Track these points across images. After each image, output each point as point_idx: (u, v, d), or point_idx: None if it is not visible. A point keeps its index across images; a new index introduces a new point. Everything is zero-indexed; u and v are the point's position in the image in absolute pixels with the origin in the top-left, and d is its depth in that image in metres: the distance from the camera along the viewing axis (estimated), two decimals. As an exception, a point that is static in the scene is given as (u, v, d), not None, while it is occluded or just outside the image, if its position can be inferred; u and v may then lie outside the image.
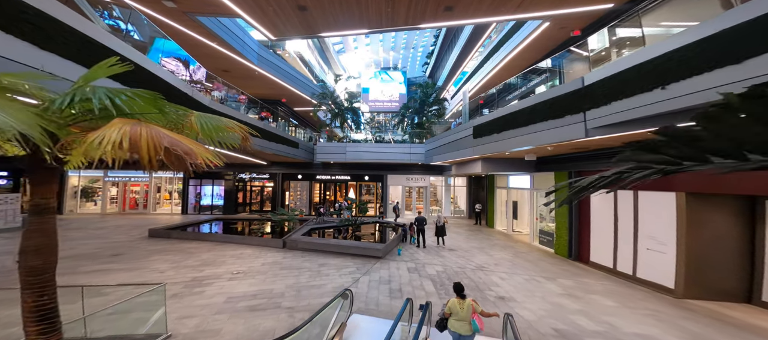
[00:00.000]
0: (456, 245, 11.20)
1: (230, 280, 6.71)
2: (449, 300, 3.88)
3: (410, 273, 7.84)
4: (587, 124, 6.39)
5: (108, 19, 9.54)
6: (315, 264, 8.35)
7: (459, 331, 3.74)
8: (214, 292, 5.98)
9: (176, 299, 5.52)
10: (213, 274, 7.03)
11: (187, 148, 2.03)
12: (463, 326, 3.72)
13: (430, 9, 10.37)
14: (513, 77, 13.27)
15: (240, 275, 7.01)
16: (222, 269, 7.43)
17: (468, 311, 3.72)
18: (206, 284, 6.33)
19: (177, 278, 6.65)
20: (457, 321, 3.75)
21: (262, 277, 7.07)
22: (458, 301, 3.80)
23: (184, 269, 7.27)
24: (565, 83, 7.14)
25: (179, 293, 5.82)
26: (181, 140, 2.10)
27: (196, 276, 6.81)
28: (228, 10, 10.67)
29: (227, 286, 6.35)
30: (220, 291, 6.03)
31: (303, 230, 11.79)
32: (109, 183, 18.85)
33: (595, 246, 8.62)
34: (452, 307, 3.78)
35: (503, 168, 12.15)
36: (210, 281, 6.58)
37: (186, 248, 9.38)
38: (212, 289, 6.12)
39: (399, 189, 20.31)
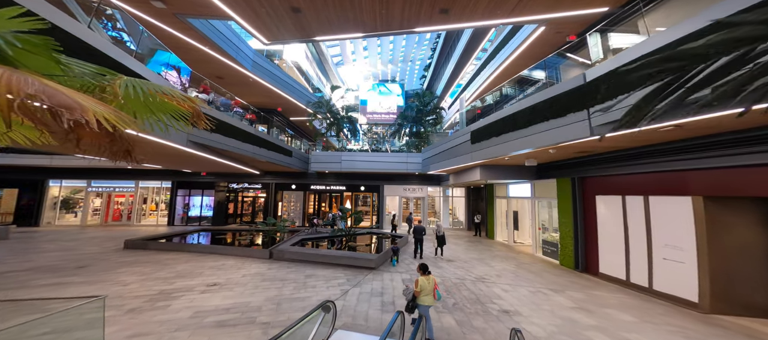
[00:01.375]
0: (455, 256, 10.54)
1: (203, 292, 6.03)
2: (418, 279, 4.54)
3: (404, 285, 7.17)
4: (591, 122, 5.95)
5: (111, 30, 9.31)
6: (301, 275, 7.67)
7: (426, 303, 4.46)
8: (180, 306, 5.30)
9: (133, 314, 4.84)
10: (185, 286, 6.35)
11: (68, 102, 1.44)
12: (429, 298, 4.47)
13: (425, 11, 10.17)
14: (510, 88, 13.01)
15: (215, 288, 6.33)
16: (196, 281, 6.75)
17: (431, 285, 4.51)
18: (174, 298, 5.65)
19: (141, 291, 5.96)
20: (426, 296, 4.47)
21: (240, 289, 6.39)
22: (425, 278, 4.54)
23: (152, 281, 6.58)
24: (566, 80, 6.76)
25: (139, 308, 5.14)
26: (62, 91, 1.51)
27: (165, 289, 6.13)
28: (219, 11, 10.43)
29: (198, 299, 5.67)
30: (188, 305, 5.35)
31: (293, 240, 11.12)
32: (92, 194, 18.10)
33: (604, 257, 8.01)
34: (422, 284, 4.48)
35: (503, 176, 11.66)
36: (179, 293, 5.89)
37: (162, 260, 8.69)
38: (179, 303, 5.44)
39: (396, 200, 19.70)
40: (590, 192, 8.78)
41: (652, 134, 5.89)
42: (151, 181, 18.37)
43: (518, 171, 11.60)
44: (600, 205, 8.34)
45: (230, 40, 13.82)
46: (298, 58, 25.69)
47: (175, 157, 10.16)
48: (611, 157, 7.79)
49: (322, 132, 20.88)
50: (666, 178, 6.59)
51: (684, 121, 4.79)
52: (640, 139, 6.34)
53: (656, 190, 6.78)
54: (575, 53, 10.37)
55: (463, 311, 5.60)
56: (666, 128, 5.21)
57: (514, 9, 10.04)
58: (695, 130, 5.42)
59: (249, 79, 16.53)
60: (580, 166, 9.01)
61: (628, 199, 7.36)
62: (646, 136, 6.11)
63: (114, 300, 5.39)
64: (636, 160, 7.16)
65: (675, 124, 5.03)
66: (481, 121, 10.42)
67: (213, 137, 9.02)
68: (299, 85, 20.87)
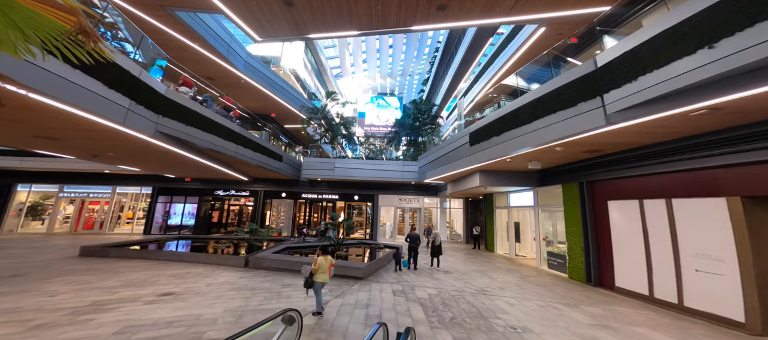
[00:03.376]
0: (452, 268, 9.57)
1: (149, 303, 5.04)
2: (317, 259, 5.09)
3: (395, 296, 6.22)
4: (607, 109, 5.27)
5: (113, 41, 8.86)
6: (277, 285, 6.69)
7: (321, 280, 5.05)
8: (108, 320, 4.29)
9: (37, 332, 3.83)
10: (129, 296, 5.33)
11: None
12: (324, 276, 5.10)
13: (422, 7, 9.74)
14: (507, 100, 12.49)
15: (167, 298, 5.34)
16: (147, 290, 5.74)
17: (328, 264, 5.18)
18: (106, 310, 4.63)
19: (68, 303, 4.92)
20: (321, 274, 5.07)
21: (198, 299, 5.41)
22: (323, 258, 5.15)
23: (90, 292, 5.53)
24: (574, 68, 6.15)
25: (50, 324, 4.11)
26: None
27: (100, 300, 5.10)
28: (208, 4, 9.94)
29: (138, 311, 4.67)
30: (120, 318, 4.35)
31: (275, 249, 10.13)
32: (64, 200, 16.82)
33: (620, 269, 7.11)
34: (320, 263, 5.06)
35: (503, 182, 10.88)
36: (116, 305, 4.87)
37: (117, 268, 7.64)
38: (110, 316, 4.43)
39: (391, 211, 18.77)
40: (601, 197, 8.00)
41: (678, 124, 5.18)
42: (130, 186, 17.29)
43: (520, 177, 10.85)
44: (613, 211, 7.54)
45: (221, 37, 13.34)
46: (296, 67, 25.42)
47: (139, 152, 9.16)
48: (625, 158, 7.06)
49: (316, 139, 20.17)
50: (692, 177, 5.82)
51: (724, 101, 4.10)
52: (663, 131, 5.61)
53: (681, 192, 5.99)
54: (576, 57, 9.89)
55: (462, 327, 4.67)
56: (698, 112, 4.51)
57: (514, 7, 9.65)
58: (734, 114, 4.68)
59: (241, 80, 15.98)
60: (588, 169, 8.28)
61: (647, 203, 6.57)
62: (669, 128, 5.39)
63: (25, 314, 4.38)
64: (655, 158, 6.42)
65: (710, 107, 4.33)
66: (481, 121, 9.78)
67: (189, 131, 8.25)
68: (294, 91, 20.36)
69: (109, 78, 5.56)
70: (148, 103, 6.76)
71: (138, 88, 6.44)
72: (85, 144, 8.12)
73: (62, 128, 6.49)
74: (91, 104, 5.24)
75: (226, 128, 10.05)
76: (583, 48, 9.81)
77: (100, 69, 5.39)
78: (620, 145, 6.75)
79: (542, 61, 9.54)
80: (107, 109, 5.58)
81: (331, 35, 12.16)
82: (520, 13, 10.05)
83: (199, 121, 8.71)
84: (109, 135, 6.96)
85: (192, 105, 8.43)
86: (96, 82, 5.30)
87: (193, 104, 8.52)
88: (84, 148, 8.69)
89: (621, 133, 5.83)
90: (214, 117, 9.42)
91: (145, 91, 6.64)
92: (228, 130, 10.20)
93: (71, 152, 9.75)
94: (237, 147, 10.89)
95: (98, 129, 6.28)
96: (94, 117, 5.49)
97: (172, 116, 7.64)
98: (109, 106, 5.63)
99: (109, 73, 5.57)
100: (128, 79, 6.19)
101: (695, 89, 4.27)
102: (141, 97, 6.49)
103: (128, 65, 6.15)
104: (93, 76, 5.25)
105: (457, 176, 12.80)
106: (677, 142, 5.89)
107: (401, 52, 37.59)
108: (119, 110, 5.87)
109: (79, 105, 5.05)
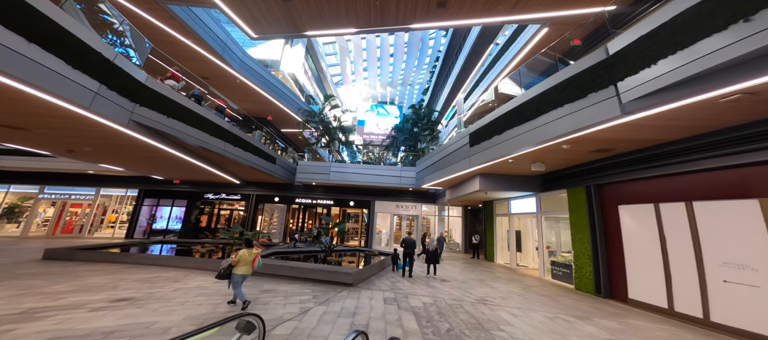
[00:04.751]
0: (450, 277, 8.89)
1: (94, 311, 4.35)
2: (240, 252, 5.08)
3: (387, 304, 5.57)
4: (622, 98, 4.78)
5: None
6: (255, 291, 6.03)
7: (245, 273, 5.05)
8: (32, 331, 3.61)
9: None
10: (73, 303, 4.64)
11: None
12: (246, 268, 5.07)
13: (422, 3, 9.41)
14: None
15: (121, 304, 4.68)
16: (99, 296, 5.06)
17: (251, 257, 5.16)
18: (37, 319, 3.93)
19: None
20: (243, 266, 5.03)
21: (157, 305, 4.76)
22: (247, 251, 5.14)
23: (29, 297, 4.82)
24: (583, 58, 5.70)
25: None
26: None
27: (36, 307, 4.39)
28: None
29: (75, 320, 3.98)
30: (48, 329, 3.67)
31: (262, 253, 9.44)
32: (44, 202, 15.96)
33: (634, 279, 6.46)
34: (242, 255, 5.04)
35: (505, 186, 10.31)
36: (53, 313, 4.16)
37: (78, 271, 6.92)
38: (37, 325, 3.74)
39: (387, 219, 18.11)
40: (611, 202, 7.43)
41: (702, 116, 4.66)
42: (115, 188, 16.54)
43: (522, 182, 10.30)
44: (625, 217, 6.95)
45: (216, 34, 13.02)
46: (296, 72, 25.22)
47: (117, 147, 8.52)
48: (639, 158, 6.50)
49: (312, 142, 19.68)
50: (717, 178, 5.26)
51: (763, 83, 3.60)
52: (683, 126, 5.07)
53: (703, 194, 5.42)
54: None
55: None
56: (731, 97, 4.00)
57: (516, 5, 9.36)
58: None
59: (236, 80, 15.63)
60: (597, 171, 7.73)
61: (664, 207, 5.99)
62: (690, 120, 4.86)
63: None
64: (673, 158, 5.86)
65: (745, 90, 3.83)
66: (481, 120, 9.30)
67: (170, 124, 7.74)
68: (291, 93, 20.02)
69: (73, 57, 5.07)
70: (122, 90, 6.27)
71: (111, 73, 5.96)
72: (56, 136, 7.56)
73: (23, 114, 5.96)
74: (49, 84, 4.73)
75: (212, 123, 9.55)
76: (587, 52, 9.46)
77: (63, 46, 4.93)
78: (633, 143, 6.22)
79: (544, 67, 9.13)
80: (69, 91, 5.07)
81: (328, 33, 11.82)
82: (522, 12, 9.75)
83: (183, 113, 8.21)
84: (80, 125, 6.44)
85: (175, 96, 7.94)
86: (57, 59, 4.81)
87: (177, 95, 8.04)
88: (56, 141, 8.12)
89: (636, 128, 5.32)
90: (199, 110, 8.92)
91: (119, 76, 6.16)
92: (215, 125, 9.70)
93: (44, 146, 9.17)
94: (225, 145, 10.36)
95: (64, 115, 5.75)
96: (53, 98, 4.96)
97: (152, 106, 7.15)
98: (72, 88, 5.12)
99: (73, 51, 5.10)
100: (100, 62, 5.72)
101: (725, 71, 3.78)
102: (114, 82, 6.00)
103: (100, 47, 5.69)
104: (53, 53, 4.77)
105: (456, 181, 12.24)
106: (698, 138, 5.37)
107: (402, 60, 37.69)
108: (85, 93, 5.37)
109: (33, 83, 4.54)
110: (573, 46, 11.00)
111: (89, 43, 5.44)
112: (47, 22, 4.71)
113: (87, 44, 5.40)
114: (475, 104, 16.40)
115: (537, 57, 9.35)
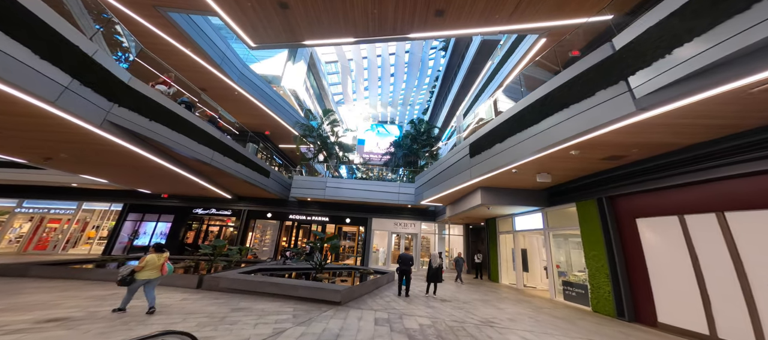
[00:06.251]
0: (451, 296, 8.08)
1: (10, 333, 3.59)
2: (148, 257, 5.00)
3: (377, 326, 4.82)
4: (635, 93, 4.35)
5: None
6: (225, 308, 5.31)
7: (150, 277, 4.92)
8: None
9: None
10: None
11: None
12: (152, 273, 4.95)
13: (420, 12, 9.32)
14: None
15: (48, 325, 3.91)
16: (29, 316, 4.27)
17: (160, 262, 5.09)
18: None
19: None
20: (150, 271, 4.93)
21: (93, 326, 4.03)
22: (156, 255, 5.10)
23: None
24: (587, 56, 5.35)
25: None
26: None
27: None
28: (202, 4, 9.55)
29: None
30: None
31: (245, 269, 8.71)
32: (21, 216, 15.09)
33: (663, 301, 5.68)
34: (151, 261, 4.96)
35: (508, 200, 9.73)
36: None
37: (22, 288, 6.09)
38: None
39: (385, 236, 17.30)
40: (627, 215, 6.79)
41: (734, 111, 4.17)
42: (99, 202, 15.79)
43: (527, 196, 9.71)
44: (645, 230, 6.28)
45: (215, 44, 12.95)
46: (297, 88, 25.34)
47: (95, 153, 7.96)
48: (657, 166, 5.91)
49: (309, 157, 19.26)
50: (754, 185, 4.65)
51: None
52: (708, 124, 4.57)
53: (738, 203, 4.81)
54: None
55: (461, 372, 3.31)
56: (764, 86, 3.55)
57: (513, 13, 9.25)
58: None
59: (234, 92, 15.47)
60: (609, 182, 7.14)
61: (691, 219, 5.35)
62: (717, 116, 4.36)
63: None
64: (696, 164, 5.29)
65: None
66: (481, 130, 8.88)
67: (153, 127, 7.30)
68: (290, 108, 19.86)
69: (38, 45, 4.70)
70: (99, 87, 5.89)
71: (87, 69, 5.60)
72: (27, 139, 7.04)
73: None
74: (8, 73, 4.34)
75: (200, 130, 9.15)
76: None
77: (32, 35, 4.60)
78: (649, 148, 5.69)
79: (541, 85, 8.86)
80: (33, 83, 4.67)
81: (327, 42, 11.73)
82: (520, 21, 9.64)
83: (168, 117, 7.81)
84: (50, 125, 5.97)
85: (160, 98, 7.57)
86: (20, 46, 4.45)
87: (162, 97, 7.67)
88: (28, 146, 7.59)
89: (652, 130, 4.84)
90: (186, 115, 8.53)
91: (97, 73, 5.80)
92: (203, 132, 9.29)
93: (15, 152, 8.61)
94: (213, 153, 9.90)
95: (29, 113, 5.30)
96: (10, 89, 4.52)
97: (133, 107, 6.75)
98: (37, 80, 4.72)
99: (42, 40, 4.75)
100: (77, 57, 5.39)
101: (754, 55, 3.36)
102: (88, 77, 5.63)
103: (77, 40, 5.38)
104: (18, 40, 4.42)
105: (456, 196, 11.65)
106: (724, 141, 4.85)
107: (402, 80, 38.20)
108: (52, 87, 4.96)
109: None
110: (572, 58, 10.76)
111: (63, 34, 5.12)
112: (15, 6, 4.40)
113: (61, 35, 5.08)
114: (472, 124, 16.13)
115: (534, 75, 9.09)
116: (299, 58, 26.00)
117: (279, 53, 24.71)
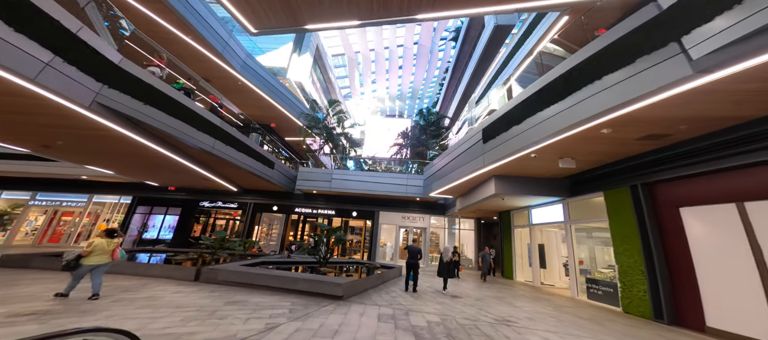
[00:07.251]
0: (462, 292, 7.49)
1: None
2: (95, 241, 4.83)
3: (381, 322, 4.30)
4: (690, 54, 3.63)
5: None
6: (219, 302, 4.89)
7: (98, 263, 4.77)
8: None
9: None
10: None
11: None
12: (101, 258, 4.80)
13: (428, -13, 8.63)
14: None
15: (25, 319, 3.55)
16: (5, 308, 3.91)
17: (111, 247, 4.93)
18: None
19: None
20: (97, 256, 4.77)
21: (68, 320, 3.67)
22: (105, 241, 4.93)
23: None
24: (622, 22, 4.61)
25: None
26: None
27: None
28: (198, -14, 9.09)
29: None
30: None
31: (247, 262, 8.33)
32: (35, 208, 15.26)
33: (713, 302, 4.92)
34: (99, 245, 4.81)
35: (525, 190, 8.99)
36: None
37: (18, 280, 5.75)
38: None
39: (393, 230, 16.78)
40: (668, 204, 5.98)
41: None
42: (109, 195, 15.85)
43: (546, 185, 8.95)
44: (691, 221, 5.50)
45: (216, 32, 12.58)
46: (303, 80, 24.95)
47: (91, 140, 7.66)
48: (707, 147, 5.07)
49: (314, 150, 18.87)
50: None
51: None
52: None
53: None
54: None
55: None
56: None
57: (533, -12, 8.41)
58: None
59: (238, 82, 15.15)
60: (646, 167, 6.30)
61: (753, 207, 4.56)
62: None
63: None
64: (759, 142, 4.49)
65: None
66: (494, 114, 8.17)
67: (146, 111, 6.93)
68: (295, 98, 19.45)
69: (12, 17, 4.33)
70: (85, 66, 5.52)
71: (72, 46, 5.24)
72: (17, 123, 6.73)
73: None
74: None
75: (200, 117, 8.78)
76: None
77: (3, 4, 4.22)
78: (701, 123, 4.86)
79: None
80: (10, 58, 4.32)
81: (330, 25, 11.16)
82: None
83: (164, 101, 7.44)
84: (36, 107, 5.64)
85: (154, 81, 7.19)
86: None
87: (157, 81, 7.30)
88: (23, 131, 7.35)
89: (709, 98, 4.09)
90: (184, 101, 8.16)
91: (81, 50, 5.44)
92: (203, 119, 8.92)
93: (10, 138, 8.43)
94: (215, 142, 9.54)
95: (11, 91, 4.95)
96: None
97: (124, 90, 6.38)
98: (14, 54, 4.37)
99: (17, 12, 4.38)
100: (60, 32, 5.02)
101: None
102: (72, 55, 5.26)
103: (59, 15, 5.00)
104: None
105: (467, 186, 10.97)
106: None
107: (411, 72, 37.32)
108: (31, 63, 4.60)
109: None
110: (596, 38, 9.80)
111: (41, 7, 4.75)
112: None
113: (39, 7, 4.71)
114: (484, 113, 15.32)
115: (551, 64, 8.30)
116: (305, 50, 25.56)
117: (284, 45, 24.33)
